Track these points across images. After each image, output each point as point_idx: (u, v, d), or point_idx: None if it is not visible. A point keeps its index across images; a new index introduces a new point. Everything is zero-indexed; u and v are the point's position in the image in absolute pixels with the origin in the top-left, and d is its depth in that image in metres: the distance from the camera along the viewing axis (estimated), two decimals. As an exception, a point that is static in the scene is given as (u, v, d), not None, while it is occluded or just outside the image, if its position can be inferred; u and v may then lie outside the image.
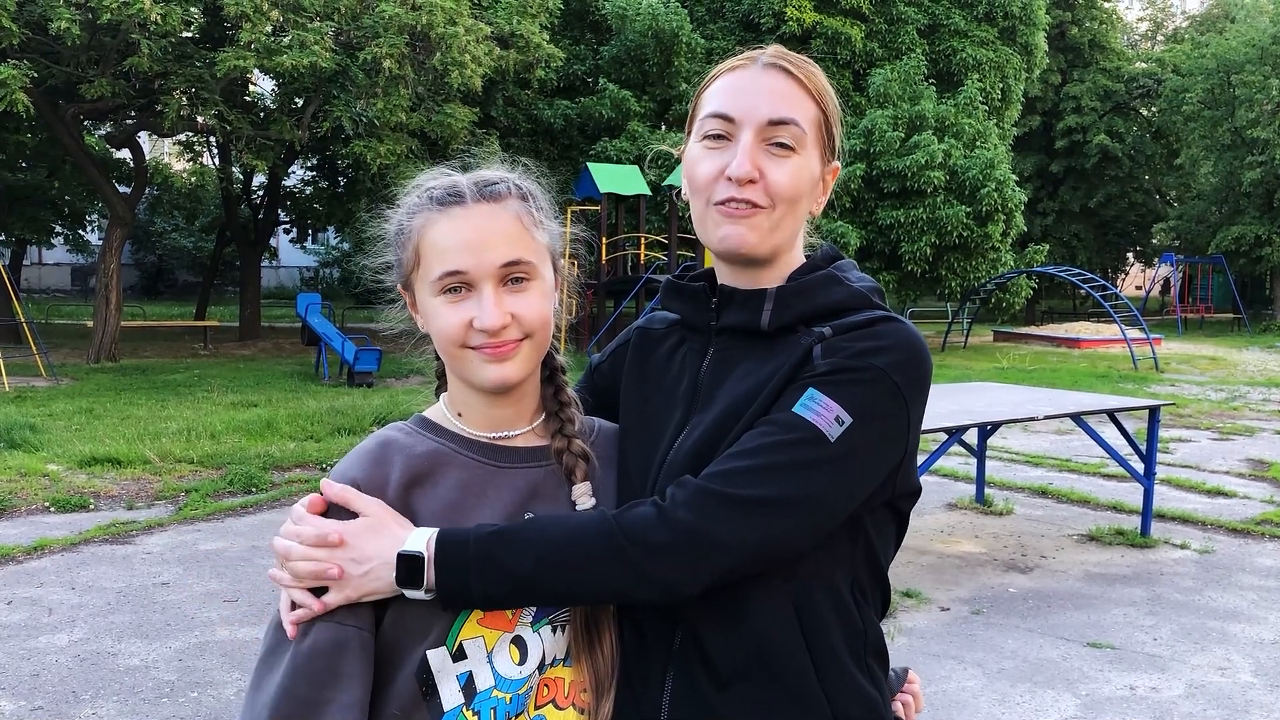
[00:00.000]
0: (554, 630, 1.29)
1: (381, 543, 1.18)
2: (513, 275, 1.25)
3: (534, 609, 1.27)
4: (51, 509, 6.87)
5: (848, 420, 1.18)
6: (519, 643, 1.26)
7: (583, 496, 1.31)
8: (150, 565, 5.72)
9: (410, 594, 1.17)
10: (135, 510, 6.91)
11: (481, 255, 1.23)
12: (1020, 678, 4.33)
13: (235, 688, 4.11)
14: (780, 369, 1.25)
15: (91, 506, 6.95)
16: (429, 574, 1.16)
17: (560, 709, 1.29)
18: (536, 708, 1.28)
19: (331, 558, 1.18)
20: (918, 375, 1.24)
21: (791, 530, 1.18)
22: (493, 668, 1.25)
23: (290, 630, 1.19)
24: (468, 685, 1.23)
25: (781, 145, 1.26)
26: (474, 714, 1.24)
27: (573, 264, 1.43)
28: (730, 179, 1.24)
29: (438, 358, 1.36)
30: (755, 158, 1.25)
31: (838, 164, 1.35)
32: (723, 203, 1.26)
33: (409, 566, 1.16)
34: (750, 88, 1.27)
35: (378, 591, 1.18)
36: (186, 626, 4.79)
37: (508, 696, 1.25)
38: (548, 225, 1.32)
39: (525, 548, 1.16)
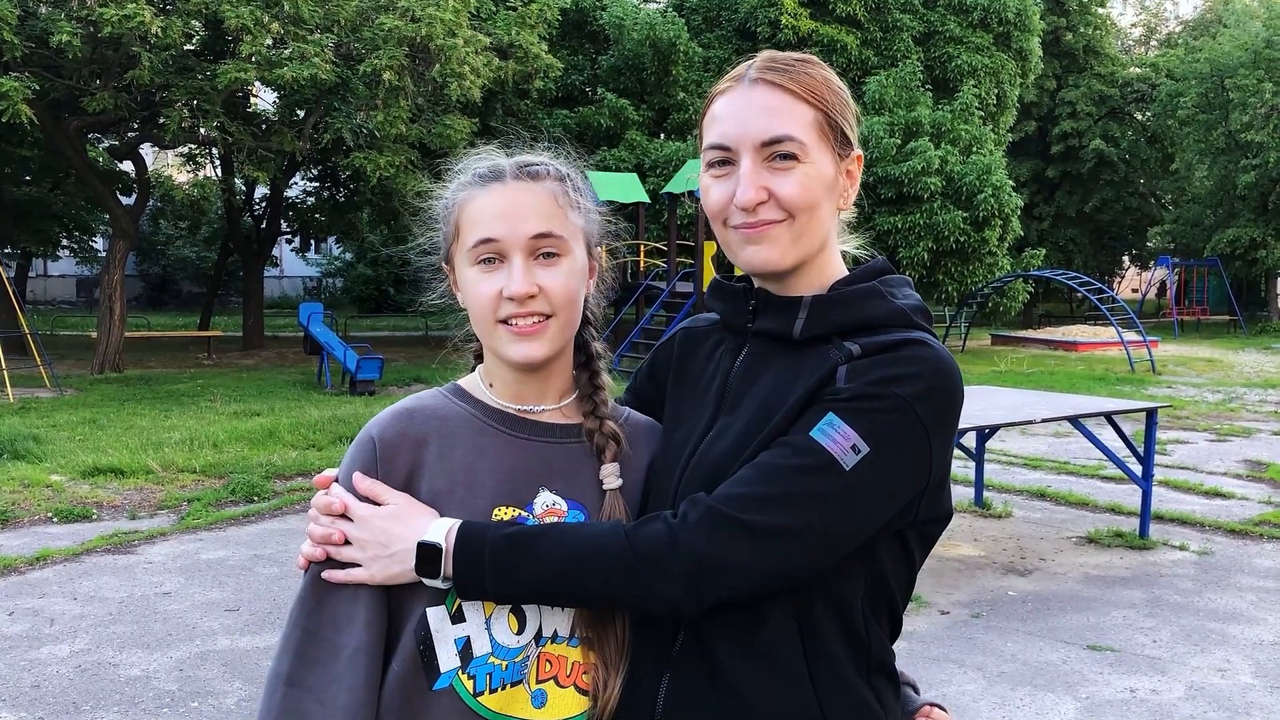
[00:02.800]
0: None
1: (404, 529, 1.23)
2: (543, 249, 1.30)
3: None
4: (54, 519, 6.88)
5: (864, 449, 1.16)
6: (518, 612, 1.29)
7: (610, 476, 1.35)
8: (152, 575, 5.74)
9: (429, 582, 1.23)
10: (138, 520, 6.93)
11: (514, 225, 1.28)
12: (1020, 681, 4.34)
13: (236, 697, 4.12)
14: (805, 383, 1.24)
15: (94, 516, 6.97)
16: (446, 565, 1.21)
17: (561, 687, 1.31)
18: (538, 682, 1.30)
19: (356, 534, 1.24)
20: (943, 404, 1.21)
21: (800, 559, 1.18)
22: (490, 635, 1.28)
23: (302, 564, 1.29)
24: (465, 650, 1.27)
25: (784, 157, 1.25)
26: (469, 678, 1.27)
27: (609, 256, 1.48)
28: (739, 207, 1.26)
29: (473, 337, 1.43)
30: (759, 180, 1.25)
31: (859, 152, 1.32)
32: (739, 226, 1.27)
33: (427, 555, 1.21)
34: (740, 111, 1.26)
35: (399, 576, 1.24)
36: (188, 636, 4.80)
37: (503, 664, 1.28)
38: (585, 208, 1.37)
39: (541, 554, 1.20)
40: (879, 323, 1.27)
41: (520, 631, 1.29)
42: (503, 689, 1.28)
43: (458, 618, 1.27)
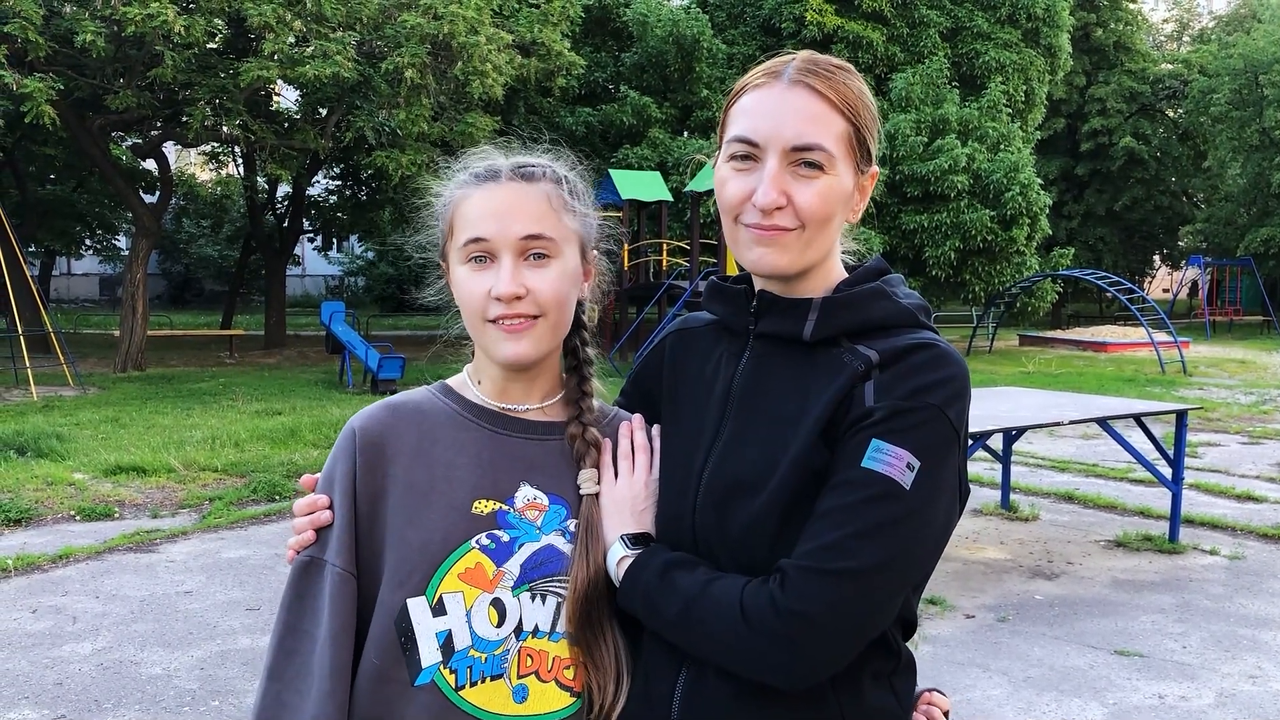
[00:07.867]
0: (534, 598, 1.32)
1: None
2: (533, 250, 1.31)
3: (515, 574, 1.32)
4: (77, 517, 6.92)
5: (917, 464, 1.17)
6: (498, 605, 1.30)
7: (587, 482, 1.37)
8: (173, 573, 5.76)
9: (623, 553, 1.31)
10: (159, 519, 6.96)
11: (504, 225, 1.30)
12: (1046, 686, 4.27)
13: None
14: (825, 392, 1.24)
15: (116, 515, 7.01)
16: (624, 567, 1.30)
17: (542, 682, 1.32)
18: (519, 677, 1.31)
19: None
20: (965, 404, 1.23)
21: (894, 591, 1.18)
22: (470, 627, 1.29)
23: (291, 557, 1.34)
24: (446, 644, 1.28)
25: (809, 165, 1.24)
26: (451, 672, 1.29)
27: (606, 259, 1.48)
28: (757, 207, 1.24)
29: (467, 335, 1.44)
30: (781, 184, 1.23)
31: (876, 169, 1.33)
32: (751, 225, 1.25)
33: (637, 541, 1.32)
34: (775, 110, 1.24)
35: None
36: (208, 635, 4.81)
37: (484, 656, 1.30)
38: (580, 212, 1.38)
39: (675, 595, 1.23)
40: (888, 323, 1.28)
41: (500, 624, 1.30)
42: (483, 682, 1.29)
43: (439, 610, 1.28)
